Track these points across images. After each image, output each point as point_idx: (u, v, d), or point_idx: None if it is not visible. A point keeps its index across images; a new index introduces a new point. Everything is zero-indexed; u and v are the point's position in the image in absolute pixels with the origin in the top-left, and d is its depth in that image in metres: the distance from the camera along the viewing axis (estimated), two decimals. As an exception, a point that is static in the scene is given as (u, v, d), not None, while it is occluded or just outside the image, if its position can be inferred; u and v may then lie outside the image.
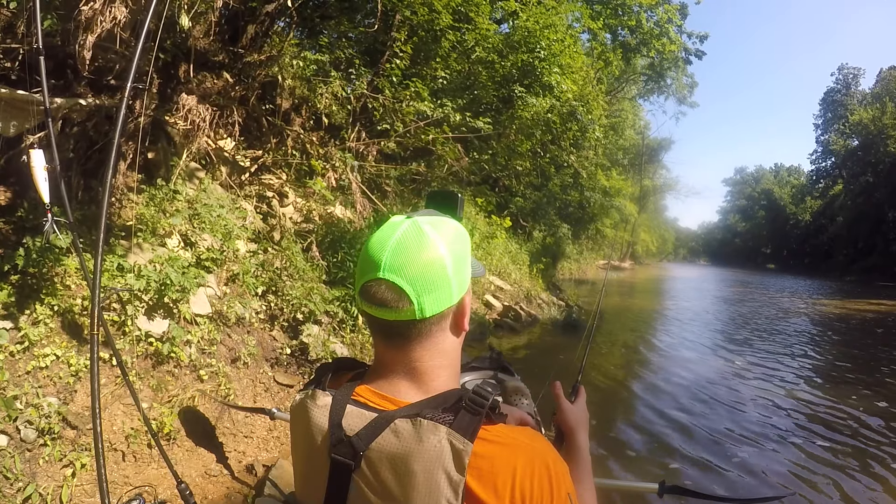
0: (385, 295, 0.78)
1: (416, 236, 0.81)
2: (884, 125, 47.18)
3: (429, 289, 0.79)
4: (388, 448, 0.74)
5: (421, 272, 0.78)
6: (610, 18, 17.18)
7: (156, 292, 3.60)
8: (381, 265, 0.78)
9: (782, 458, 4.76)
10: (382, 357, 0.85)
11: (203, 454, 3.36)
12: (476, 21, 9.98)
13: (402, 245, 0.79)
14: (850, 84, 59.79)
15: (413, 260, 0.79)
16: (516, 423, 1.27)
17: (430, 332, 0.82)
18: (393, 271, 0.78)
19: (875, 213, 45.64)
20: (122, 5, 2.97)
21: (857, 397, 6.77)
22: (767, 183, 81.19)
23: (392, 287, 0.78)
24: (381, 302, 0.79)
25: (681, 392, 6.73)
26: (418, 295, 0.78)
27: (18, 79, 3.47)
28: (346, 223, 6.54)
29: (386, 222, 0.86)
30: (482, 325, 8.76)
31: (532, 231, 18.39)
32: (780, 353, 9.69)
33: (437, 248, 0.81)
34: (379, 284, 0.78)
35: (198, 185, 5.18)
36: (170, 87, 4.75)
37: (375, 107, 7.73)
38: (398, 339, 0.82)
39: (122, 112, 2.05)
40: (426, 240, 0.81)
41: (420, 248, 0.80)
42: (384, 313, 0.80)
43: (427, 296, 0.79)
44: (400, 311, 0.79)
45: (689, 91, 35.03)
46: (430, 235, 0.81)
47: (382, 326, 0.82)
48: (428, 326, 0.81)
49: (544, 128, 11.37)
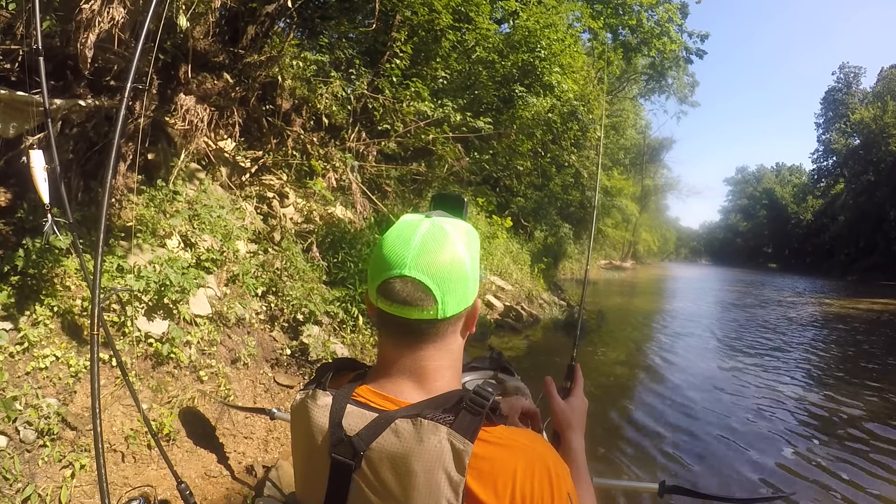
0: (411, 293, 0.78)
1: (439, 236, 0.81)
2: (885, 124, 47.13)
3: (452, 289, 0.79)
4: (389, 448, 0.74)
5: (446, 272, 0.79)
6: (610, 18, 17.14)
7: (155, 293, 3.60)
8: (407, 262, 0.78)
9: (783, 458, 4.75)
10: (389, 355, 0.84)
11: (203, 455, 3.35)
12: (476, 21, 9.98)
13: (426, 243, 0.79)
14: (851, 83, 59.66)
15: (439, 259, 0.78)
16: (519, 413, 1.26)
17: (445, 333, 0.83)
18: (419, 269, 0.77)
19: (876, 212, 45.56)
20: (120, 6, 2.97)
21: (858, 397, 6.75)
22: (769, 182, 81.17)
23: (419, 285, 0.77)
24: (405, 300, 0.78)
25: (681, 392, 6.72)
26: (443, 294, 0.78)
27: (18, 80, 3.47)
28: (347, 223, 6.54)
29: (400, 221, 0.85)
30: (483, 324, 8.75)
31: (533, 231, 18.37)
32: (781, 352, 9.67)
33: (459, 249, 0.81)
34: (404, 282, 0.78)
35: (198, 185, 5.18)
36: (170, 88, 4.74)
37: (375, 107, 7.73)
38: (412, 337, 0.81)
39: (121, 113, 2.04)
40: (449, 239, 0.81)
41: (444, 247, 0.80)
42: (405, 311, 0.79)
43: (450, 296, 0.79)
44: (423, 310, 0.78)
45: (689, 90, 35.09)
46: (452, 235, 0.81)
47: (399, 324, 0.81)
48: (445, 327, 0.82)
49: (545, 127, 11.38)
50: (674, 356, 9.00)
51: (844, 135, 56.38)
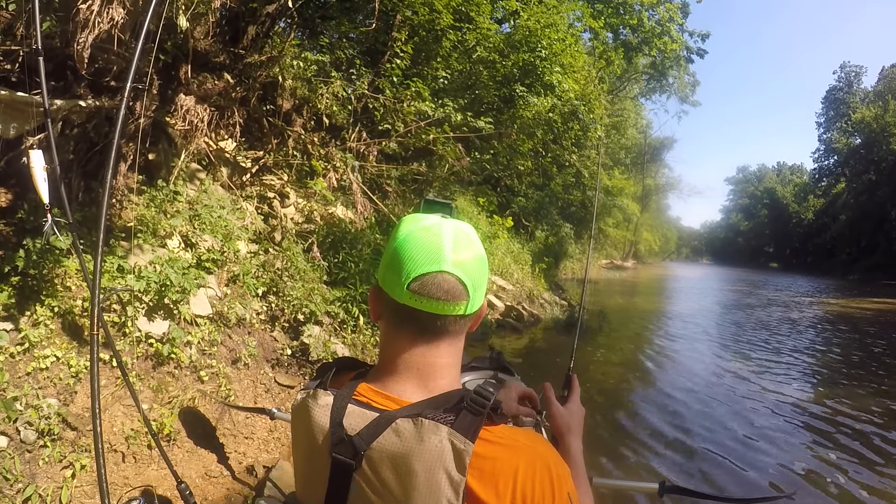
0: (450, 288, 0.79)
1: (465, 234, 0.83)
2: (886, 123, 47.12)
3: (479, 285, 0.82)
4: (390, 448, 0.74)
5: (476, 269, 0.82)
6: (611, 17, 17.18)
7: (156, 293, 3.59)
8: (444, 259, 0.79)
9: (784, 458, 4.74)
10: (399, 352, 0.83)
11: (203, 455, 3.35)
12: (477, 21, 9.98)
13: (458, 241, 0.81)
14: (852, 82, 59.63)
15: (470, 257, 0.81)
16: (520, 398, 1.32)
17: (462, 329, 0.85)
18: (458, 266, 0.79)
19: (878, 212, 45.54)
20: (120, 6, 2.97)
21: (860, 397, 6.74)
22: (770, 181, 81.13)
23: (457, 281, 0.79)
24: (441, 295, 0.78)
25: (682, 392, 6.71)
26: (474, 290, 0.81)
27: (19, 80, 3.47)
28: (347, 224, 6.53)
29: (413, 222, 0.85)
30: (485, 324, 8.73)
31: (534, 231, 18.36)
32: (782, 352, 9.66)
33: (480, 247, 0.85)
34: (443, 278, 0.79)
35: (199, 186, 5.18)
36: (170, 89, 4.74)
37: (376, 107, 7.73)
38: (432, 333, 0.82)
39: (121, 113, 2.04)
40: (472, 238, 0.84)
41: (470, 245, 0.83)
42: (438, 307, 0.79)
43: (478, 292, 0.82)
44: (456, 306, 0.80)
45: (690, 90, 34.98)
46: (472, 234, 0.85)
47: (425, 320, 0.81)
48: (464, 323, 0.84)
49: (546, 127, 11.38)
50: (675, 356, 8.99)
51: (846, 134, 56.36)
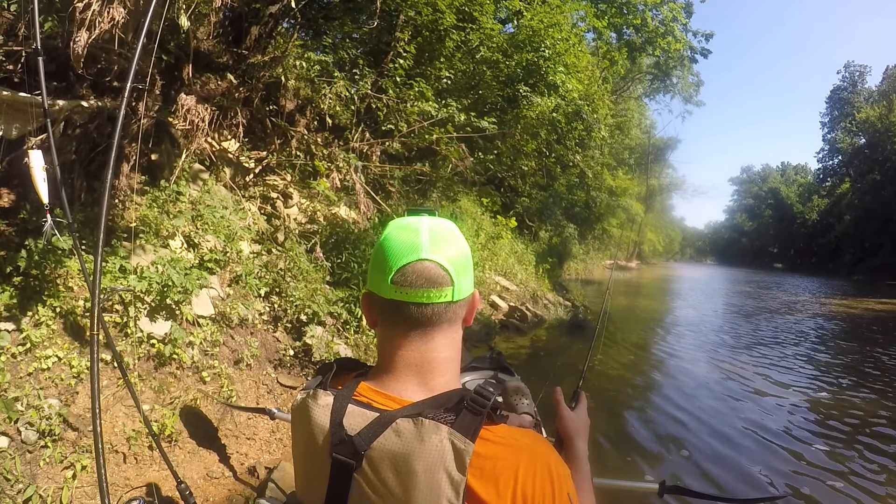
0: (431, 275, 0.80)
1: (442, 226, 0.85)
2: (891, 123, 46.94)
3: (462, 271, 0.83)
4: (390, 447, 0.74)
5: (457, 255, 0.83)
6: (615, 17, 17.15)
7: (158, 294, 3.59)
8: (421, 248, 0.81)
9: (784, 458, 4.70)
10: (395, 349, 0.84)
11: (205, 456, 3.34)
12: (480, 21, 9.97)
13: (435, 231, 0.83)
14: (856, 82, 59.45)
15: (449, 244, 0.83)
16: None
17: (455, 318, 0.85)
18: (435, 252, 0.81)
19: (882, 212, 45.28)
20: (120, 6, 2.96)
21: (861, 397, 6.69)
22: (774, 182, 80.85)
23: (438, 267, 0.81)
24: (423, 282, 0.80)
25: (682, 392, 6.67)
26: (458, 275, 0.82)
27: (21, 81, 3.47)
28: (350, 224, 6.53)
29: (394, 223, 0.87)
30: (488, 325, 8.71)
31: (538, 231, 18.34)
32: (784, 353, 9.60)
33: (461, 238, 0.87)
34: (423, 265, 0.80)
35: (201, 186, 5.18)
36: (173, 89, 4.74)
37: (379, 107, 7.73)
38: (423, 325, 0.82)
39: (122, 113, 2.03)
40: (450, 229, 0.86)
41: (448, 234, 0.85)
42: (423, 295, 0.80)
43: (462, 277, 0.83)
44: (440, 292, 0.81)
45: (694, 90, 34.85)
46: (450, 226, 0.87)
47: (413, 311, 0.81)
48: (455, 311, 0.84)
49: (549, 127, 11.38)
50: (677, 357, 8.94)
51: (850, 134, 56.17)
